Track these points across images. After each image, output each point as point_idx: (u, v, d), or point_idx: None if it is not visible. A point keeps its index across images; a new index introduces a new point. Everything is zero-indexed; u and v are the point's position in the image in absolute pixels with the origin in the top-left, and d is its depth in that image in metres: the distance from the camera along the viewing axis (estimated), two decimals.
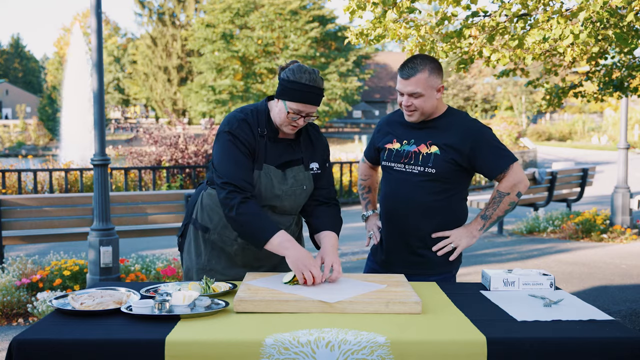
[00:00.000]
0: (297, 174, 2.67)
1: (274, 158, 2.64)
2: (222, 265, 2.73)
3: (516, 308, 2.28)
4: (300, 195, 2.68)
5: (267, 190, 2.61)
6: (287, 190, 2.64)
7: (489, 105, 44.04)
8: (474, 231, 2.82)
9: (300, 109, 2.54)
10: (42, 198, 6.30)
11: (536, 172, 9.30)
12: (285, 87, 2.54)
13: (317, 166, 2.75)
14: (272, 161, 2.63)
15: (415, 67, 2.73)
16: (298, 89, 2.52)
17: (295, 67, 2.56)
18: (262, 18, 34.31)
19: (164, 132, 13.22)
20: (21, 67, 72.02)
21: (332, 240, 2.62)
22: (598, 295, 5.65)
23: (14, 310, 4.97)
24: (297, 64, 2.59)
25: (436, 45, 4.19)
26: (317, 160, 2.76)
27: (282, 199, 2.64)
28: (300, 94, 2.52)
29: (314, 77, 2.54)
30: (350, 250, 7.90)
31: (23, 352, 1.90)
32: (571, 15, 3.56)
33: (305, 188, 2.69)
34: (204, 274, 2.72)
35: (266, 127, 2.63)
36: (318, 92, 2.55)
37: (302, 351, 1.92)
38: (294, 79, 2.52)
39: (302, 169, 2.69)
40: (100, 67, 5.14)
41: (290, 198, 2.66)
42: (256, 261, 2.73)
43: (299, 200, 2.70)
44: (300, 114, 2.55)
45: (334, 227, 2.69)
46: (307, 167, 2.71)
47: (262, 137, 2.62)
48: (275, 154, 2.64)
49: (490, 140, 2.79)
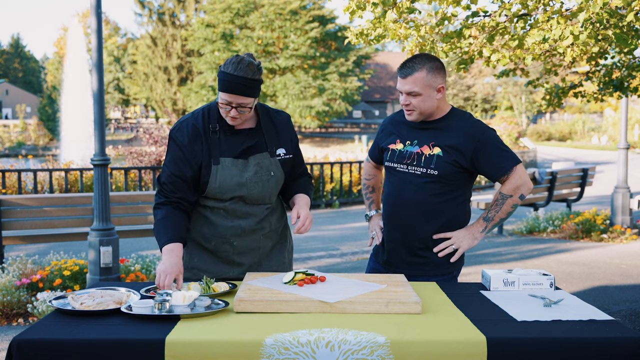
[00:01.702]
0: (261, 160, 2.68)
1: (231, 149, 2.65)
2: (204, 263, 2.74)
3: (516, 308, 2.28)
4: (268, 182, 2.69)
5: (230, 180, 2.62)
6: (252, 178, 2.65)
7: (489, 105, 44.04)
8: (475, 233, 2.81)
9: (227, 99, 2.54)
10: (42, 198, 6.30)
11: (536, 172, 9.30)
12: (218, 77, 2.57)
13: (284, 152, 2.75)
14: (230, 152, 2.65)
15: (413, 67, 2.73)
16: (224, 79, 2.53)
17: (232, 58, 2.56)
18: (262, 18, 34.31)
19: (164, 132, 13.22)
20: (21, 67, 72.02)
21: (304, 199, 2.74)
22: (598, 295, 5.65)
23: (14, 310, 4.98)
24: (235, 55, 2.59)
25: (436, 46, 4.19)
26: (284, 146, 2.76)
27: (248, 187, 2.65)
28: (225, 83, 2.52)
29: (242, 67, 2.51)
30: (350, 250, 7.90)
31: (23, 352, 1.90)
32: (571, 16, 3.56)
33: (273, 174, 2.70)
34: (188, 272, 2.72)
35: (218, 122, 2.66)
36: (243, 81, 2.50)
37: (302, 351, 1.92)
38: (224, 69, 2.54)
39: (267, 155, 2.69)
40: (100, 67, 5.14)
41: (257, 185, 2.66)
42: (236, 257, 2.73)
43: (267, 188, 2.70)
44: (230, 104, 2.55)
45: (306, 191, 2.81)
46: (273, 153, 2.71)
47: (215, 132, 2.65)
48: (233, 145, 2.66)
49: (494, 142, 2.78)
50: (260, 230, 2.72)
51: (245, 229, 2.68)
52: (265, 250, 2.77)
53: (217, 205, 2.67)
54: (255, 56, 2.90)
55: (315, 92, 33.96)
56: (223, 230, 2.68)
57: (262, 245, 2.75)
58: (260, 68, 2.58)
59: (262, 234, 2.74)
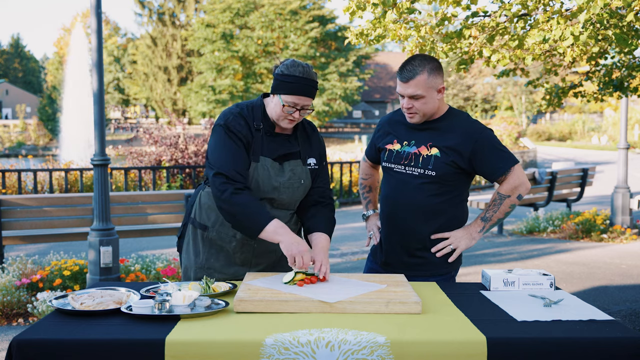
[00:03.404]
0: (295, 167, 2.71)
1: (270, 151, 2.67)
2: (220, 264, 2.74)
3: (516, 308, 2.28)
4: (297, 189, 2.71)
5: (265, 182, 2.64)
6: (285, 183, 2.67)
7: (489, 105, 44.03)
8: (473, 233, 2.81)
9: (295, 101, 2.58)
10: (42, 198, 6.30)
11: (536, 172, 9.30)
12: (280, 81, 2.60)
13: (314, 162, 2.78)
14: (269, 154, 2.67)
15: (414, 69, 2.72)
16: (292, 81, 2.57)
17: (289, 62, 2.62)
18: (262, 18, 34.30)
19: (164, 132, 13.21)
20: (21, 67, 72.01)
21: (324, 242, 2.63)
22: (598, 295, 5.65)
23: (14, 310, 4.98)
24: (291, 59, 2.65)
25: (436, 46, 4.19)
26: (314, 156, 2.79)
27: (280, 191, 2.67)
28: (294, 86, 2.57)
29: (307, 70, 2.60)
30: (350, 250, 7.90)
31: (23, 352, 1.90)
32: (571, 16, 3.56)
33: (303, 182, 2.72)
34: (202, 272, 2.72)
35: (262, 122, 2.68)
36: (311, 84, 2.60)
37: (302, 351, 1.92)
38: (288, 73, 2.58)
39: (300, 163, 2.73)
40: (100, 67, 5.14)
41: (288, 191, 2.68)
42: (255, 258, 2.74)
43: (296, 194, 2.72)
44: (295, 106, 2.59)
45: (327, 229, 2.70)
46: (305, 161, 2.74)
47: (258, 130, 2.67)
48: (272, 147, 2.68)
49: (492, 142, 2.78)
50: None
51: None
52: (280, 252, 2.77)
53: None
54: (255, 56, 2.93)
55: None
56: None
57: (280, 248, 2.75)
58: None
59: None
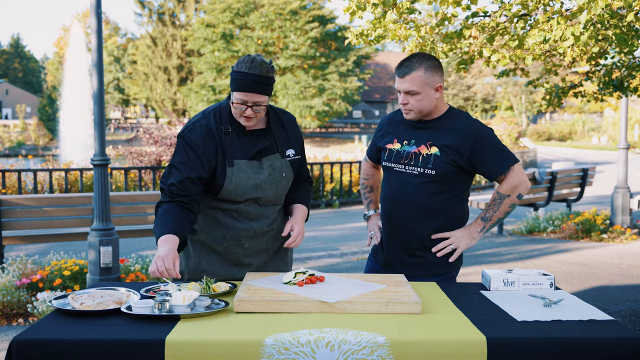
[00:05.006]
0: (274, 162, 2.69)
1: (244, 152, 2.64)
2: (212, 265, 2.73)
3: (516, 308, 2.28)
4: (280, 183, 2.70)
5: (245, 183, 2.62)
6: (267, 179, 2.65)
7: (489, 105, 44.03)
8: (474, 233, 2.81)
9: (243, 98, 2.53)
10: (42, 198, 6.30)
11: (536, 172, 9.30)
12: (231, 77, 2.56)
13: (293, 152, 2.77)
14: (243, 155, 2.64)
15: (411, 65, 2.72)
16: (238, 78, 2.52)
17: (242, 58, 2.56)
18: (262, 18, 34.30)
19: (164, 132, 13.21)
20: (21, 67, 72.02)
21: (302, 212, 2.79)
22: (598, 295, 5.65)
23: (14, 310, 4.98)
24: (247, 55, 2.59)
25: (436, 46, 4.19)
26: (293, 147, 2.77)
27: (263, 188, 2.65)
28: (240, 82, 2.51)
29: (256, 65, 2.51)
30: (350, 250, 7.90)
31: (23, 352, 1.90)
32: (571, 16, 3.56)
33: (285, 175, 2.71)
34: (195, 275, 2.72)
35: (230, 124, 2.64)
36: (259, 79, 2.51)
37: (302, 351, 1.92)
38: (237, 69, 2.53)
39: (278, 156, 2.70)
40: (100, 67, 5.14)
41: (271, 187, 2.67)
42: (246, 258, 2.73)
43: (280, 189, 2.71)
44: (245, 103, 2.54)
45: (305, 201, 2.84)
46: (283, 154, 2.72)
47: (228, 134, 2.63)
48: (246, 147, 2.65)
49: (491, 141, 2.78)
50: (270, 232, 2.74)
51: (257, 231, 2.69)
52: (272, 251, 2.79)
53: (230, 207, 2.66)
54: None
55: (315, 92, 33.95)
56: (235, 232, 2.68)
57: (270, 246, 2.77)
58: (272, 67, 2.58)
59: (271, 235, 2.75)
